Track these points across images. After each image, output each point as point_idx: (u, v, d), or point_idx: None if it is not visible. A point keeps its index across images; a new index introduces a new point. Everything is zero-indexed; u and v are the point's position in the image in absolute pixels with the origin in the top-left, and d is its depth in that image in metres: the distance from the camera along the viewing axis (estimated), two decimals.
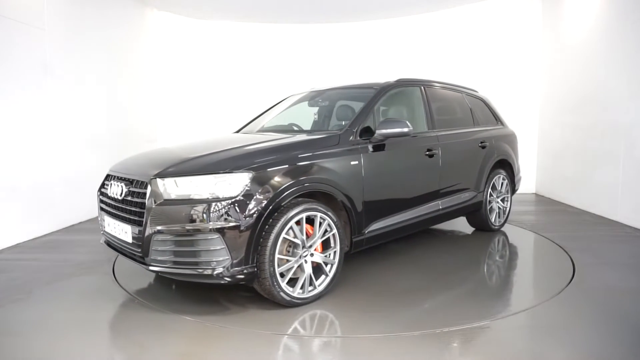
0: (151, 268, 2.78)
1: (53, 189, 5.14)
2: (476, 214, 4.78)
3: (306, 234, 3.01)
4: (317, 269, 3.10)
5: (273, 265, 2.77)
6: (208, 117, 8.67)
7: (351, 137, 3.39)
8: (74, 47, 5.55)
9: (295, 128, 4.18)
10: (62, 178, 5.26)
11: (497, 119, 5.23)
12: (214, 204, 2.64)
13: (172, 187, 2.75)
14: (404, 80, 4.13)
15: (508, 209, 5.10)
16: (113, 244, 3.20)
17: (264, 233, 2.76)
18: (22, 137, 4.68)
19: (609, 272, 3.65)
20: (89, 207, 5.59)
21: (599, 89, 5.81)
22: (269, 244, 2.75)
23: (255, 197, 2.71)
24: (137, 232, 2.82)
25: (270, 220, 2.78)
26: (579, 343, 2.53)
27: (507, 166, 5.07)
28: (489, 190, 4.76)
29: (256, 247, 2.73)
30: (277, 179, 2.82)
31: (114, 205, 3.12)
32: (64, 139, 5.34)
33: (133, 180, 2.97)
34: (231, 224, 2.64)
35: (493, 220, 4.89)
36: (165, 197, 2.73)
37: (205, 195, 2.69)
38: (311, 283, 3.02)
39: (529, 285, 3.53)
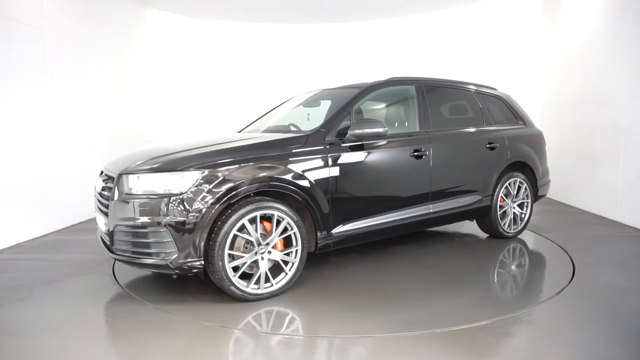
0: (115, 256, 3.05)
1: (53, 189, 5.13)
2: (485, 219, 4.53)
3: (267, 231, 3.09)
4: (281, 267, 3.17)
5: (222, 260, 2.89)
6: (208, 117, 8.67)
7: (322, 138, 3.40)
8: (74, 47, 5.55)
9: (293, 128, 4.16)
10: (62, 178, 5.26)
11: (518, 118, 4.88)
12: (165, 199, 2.84)
13: (134, 183, 2.97)
14: (396, 79, 4.07)
15: (527, 215, 4.71)
16: (101, 237, 3.35)
17: (215, 229, 2.90)
18: (22, 137, 4.68)
19: (609, 272, 3.64)
20: (89, 207, 5.58)
21: (599, 89, 5.80)
22: (219, 239, 2.88)
23: (203, 195, 2.86)
24: (107, 224, 3.09)
25: (223, 217, 2.92)
26: (579, 343, 2.53)
27: (527, 169, 4.74)
28: (500, 194, 4.47)
29: (207, 242, 2.89)
30: (227, 177, 2.93)
31: (98, 199, 3.36)
32: (64, 138, 5.34)
33: (109, 176, 3.20)
34: (178, 219, 2.82)
35: (506, 226, 4.56)
36: (127, 191, 2.98)
37: (159, 191, 2.89)
38: (269, 280, 3.09)
39: (529, 285, 3.52)
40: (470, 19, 8.13)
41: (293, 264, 3.18)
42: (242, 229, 2.97)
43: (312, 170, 3.26)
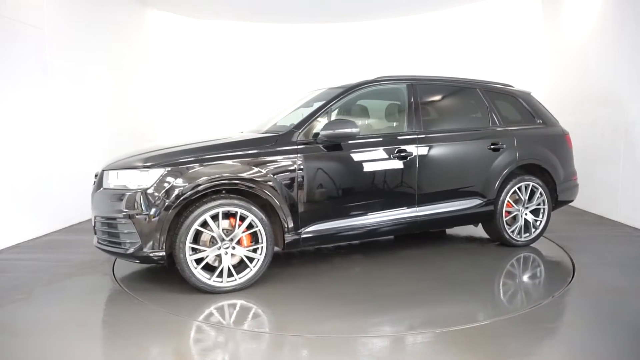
0: (97, 246, 3.37)
1: (53, 189, 5.13)
2: (490, 225, 4.28)
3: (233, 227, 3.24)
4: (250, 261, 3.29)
5: (184, 252, 3.07)
6: (209, 117, 8.67)
7: (294, 138, 3.45)
8: (74, 47, 5.55)
9: None
10: (62, 178, 5.26)
11: (536, 117, 4.50)
12: (133, 194, 3.09)
13: (113, 178, 3.26)
14: (384, 78, 4.00)
15: (542, 223, 4.33)
16: None
17: (179, 223, 3.10)
18: (22, 137, 4.67)
19: (609, 272, 3.64)
20: (89, 207, 5.58)
21: (598, 89, 5.80)
22: (180, 232, 3.07)
23: (165, 191, 3.07)
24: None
25: (186, 211, 3.11)
26: (578, 343, 2.53)
27: (544, 172, 4.37)
28: (507, 199, 4.18)
29: (169, 234, 3.10)
30: (189, 175, 3.13)
31: None
32: (64, 138, 5.34)
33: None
34: (141, 212, 3.06)
35: (514, 234, 4.24)
36: (105, 186, 3.29)
37: (130, 186, 3.16)
38: (233, 274, 3.21)
39: (529, 285, 3.52)
40: (470, 19, 8.13)
41: (258, 260, 3.26)
42: (207, 224, 3.13)
43: (278, 169, 3.35)
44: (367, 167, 3.67)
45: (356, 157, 3.62)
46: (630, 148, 5.16)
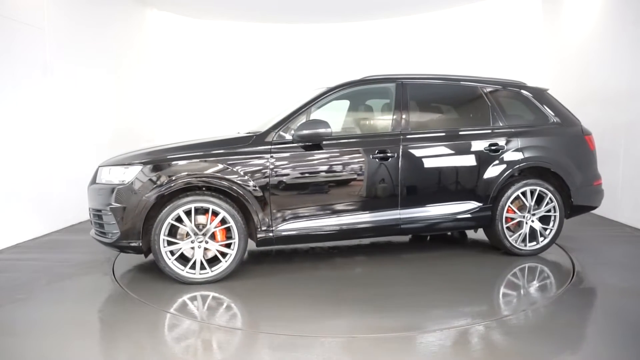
0: (92, 235, 3.62)
1: (53, 189, 5.13)
2: (489, 231, 4.06)
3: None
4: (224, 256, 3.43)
5: (158, 244, 3.28)
6: (208, 117, 8.67)
7: (270, 138, 3.54)
8: (74, 47, 5.55)
9: None
10: (62, 178, 5.26)
11: (550, 117, 4.16)
12: (115, 188, 3.35)
13: (105, 174, 3.51)
14: (371, 77, 3.94)
15: (552, 231, 4.00)
16: None
17: (153, 216, 3.31)
18: (22, 137, 4.67)
19: (608, 272, 3.64)
20: None
21: (598, 89, 5.80)
22: (154, 225, 3.29)
23: (140, 186, 3.32)
24: None
25: (161, 206, 3.31)
26: (578, 343, 2.53)
27: (557, 176, 4.05)
28: (508, 204, 3.91)
29: (145, 227, 3.31)
30: (160, 172, 3.35)
31: None
32: (64, 138, 5.34)
33: None
34: (120, 205, 3.31)
35: (517, 242, 3.96)
36: (97, 181, 3.54)
37: (114, 181, 3.41)
38: (205, 267, 3.37)
39: (529, 285, 3.52)
40: (470, 19, 8.13)
41: (230, 255, 3.39)
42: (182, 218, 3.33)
43: (251, 168, 3.45)
44: (345, 168, 3.63)
45: (334, 157, 3.62)
46: (630, 148, 5.15)
